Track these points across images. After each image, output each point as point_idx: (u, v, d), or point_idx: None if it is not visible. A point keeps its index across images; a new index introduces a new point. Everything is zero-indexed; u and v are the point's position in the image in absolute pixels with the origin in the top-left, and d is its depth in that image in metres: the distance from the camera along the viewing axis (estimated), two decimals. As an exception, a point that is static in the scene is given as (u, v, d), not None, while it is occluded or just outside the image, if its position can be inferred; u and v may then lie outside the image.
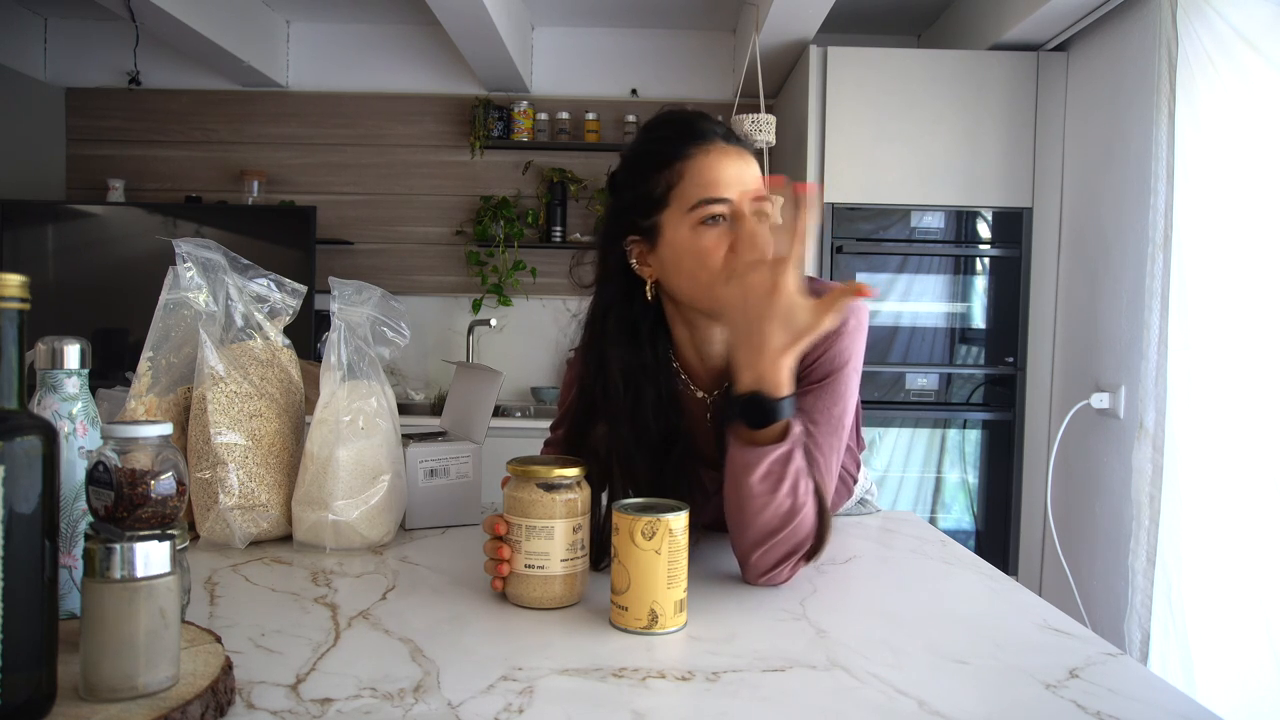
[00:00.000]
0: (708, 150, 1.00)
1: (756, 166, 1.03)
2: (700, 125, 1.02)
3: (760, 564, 0.97)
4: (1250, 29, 2.13)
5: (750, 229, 0.91)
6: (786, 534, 0.95)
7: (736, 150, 1.01)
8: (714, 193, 0.99)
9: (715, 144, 1.01)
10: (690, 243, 1.00)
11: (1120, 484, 2.54)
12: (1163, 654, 2.27)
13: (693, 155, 1.00)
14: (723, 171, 0.99)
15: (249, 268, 1.19)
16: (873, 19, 3.69)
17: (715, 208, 0.98)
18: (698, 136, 1.01)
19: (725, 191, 0.98)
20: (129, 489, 0.69)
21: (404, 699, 0.69)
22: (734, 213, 0.99)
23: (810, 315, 0.88)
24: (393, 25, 3.89)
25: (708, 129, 1.02)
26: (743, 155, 1.02)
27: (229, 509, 1.10)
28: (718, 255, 0.98)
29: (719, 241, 0.99)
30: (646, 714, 0.68)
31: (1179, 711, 0.70)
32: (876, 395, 3.08)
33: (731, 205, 0.99)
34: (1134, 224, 2.54)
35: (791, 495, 0.94)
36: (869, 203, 3.05)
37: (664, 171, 1.01)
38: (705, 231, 0.99)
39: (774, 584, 0.99)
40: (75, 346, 0.77)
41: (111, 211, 3.58)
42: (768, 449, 0.92)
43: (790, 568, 0.98)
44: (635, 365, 1.05)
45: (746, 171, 1.00)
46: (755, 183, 1.00)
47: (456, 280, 3.94)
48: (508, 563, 0.92)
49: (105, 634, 0.62)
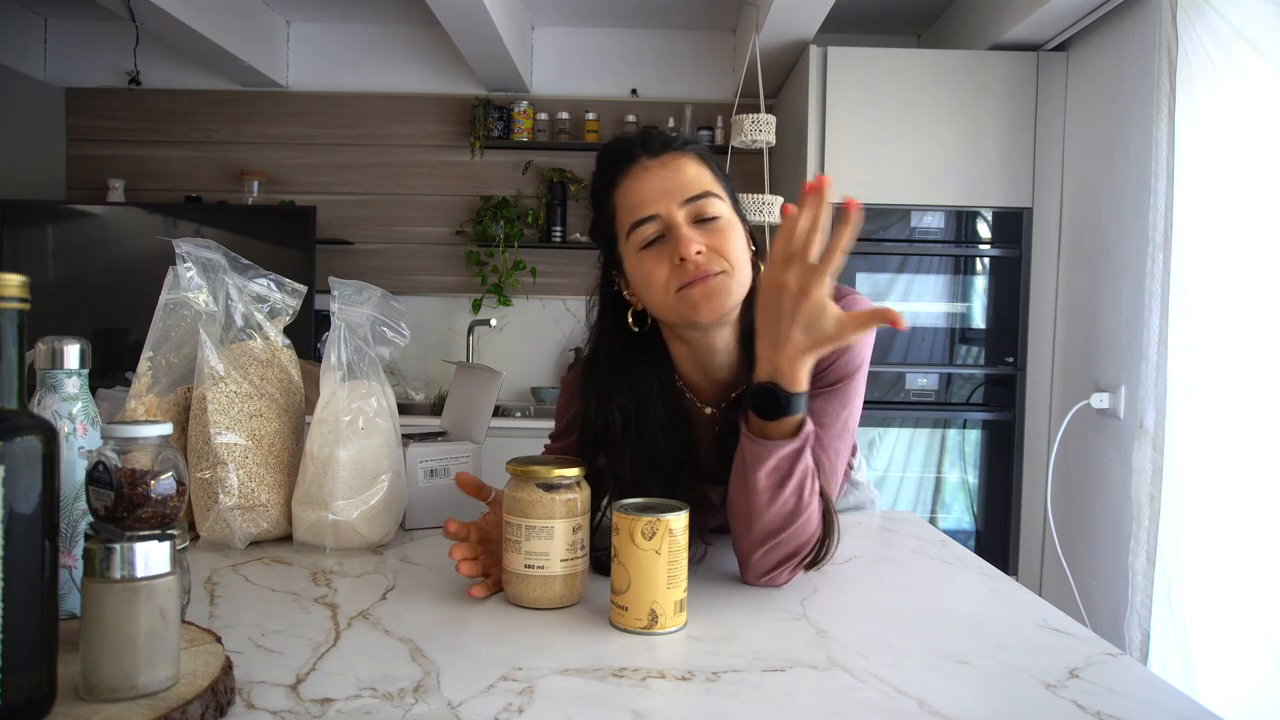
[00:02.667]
0: (628, 172, 0.99)
1: (692, 165, 0.99)
2: (623, 149, 1.00)
3: (761, 564, 0.97)
4: (1250, 29, 2.13)
5: (792, 225, 0.89)
6: (789, 534, 0.95)
7: (659, 161, 0.99)
8: (638, 215, 0.98)
9: (637, 163, 0.99)
10: (638, 269, 1.00)
11: (1120, 484, 2.54)
12: (1163, 654, 2.27)
13: (618, 183, 1.00)
14: (643, 190, 0.98)
15: (249, 268, 1.19)
16: (873, 19, 3.69)
17: (643, 229, 0.98)
18: (621, 161, 1.00)
19: (648, 210, 0.97)
20: (129, 489, 0.69)
21: (404, 699, 0.69)
22: (665, 225, 0.97)
23: (836, 326, 0.87)
24: (393, 25, 3.89)
25: (630, 150, 1.00)
26: (666, 164, 0.99)
27: (229, 509, 1.10)
28: (659, 275, 0.97)
29: (657, 262, 0.98)
30: (646, 714, 0.68)
31: (1179, 711, 0.70)
32: (876, 395, 3.08)
33: (659, 220, 0.97)
34: (1134, 224, 2.54)
35: (797, 494, 0.93)
36: (869, 203, 3.04)
37: (605, 206, 1.02)
38: (645, 256, 0.98)
39: (773, 585, 0.99)
40: (75, 346, 0.77)
41: (111, 211, 3.58)
42: (779, 444, 0.91)
43: (790, 570, 0.98)
44: (639, 392, 1.05)
45: (672, 179, 0.98)
46: (685, 185, 0.98)
47: (456, 280, 3.93)
48: (471, 561, 0.95)
49: (105, 634, 0.62)
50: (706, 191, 0.98)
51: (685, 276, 0.96)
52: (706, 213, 0.97)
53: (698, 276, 0.96)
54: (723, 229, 0.98)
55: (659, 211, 0.97)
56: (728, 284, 0.97)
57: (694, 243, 0.96)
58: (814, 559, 0.98)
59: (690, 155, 1.01)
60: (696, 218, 0.98)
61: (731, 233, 0.99)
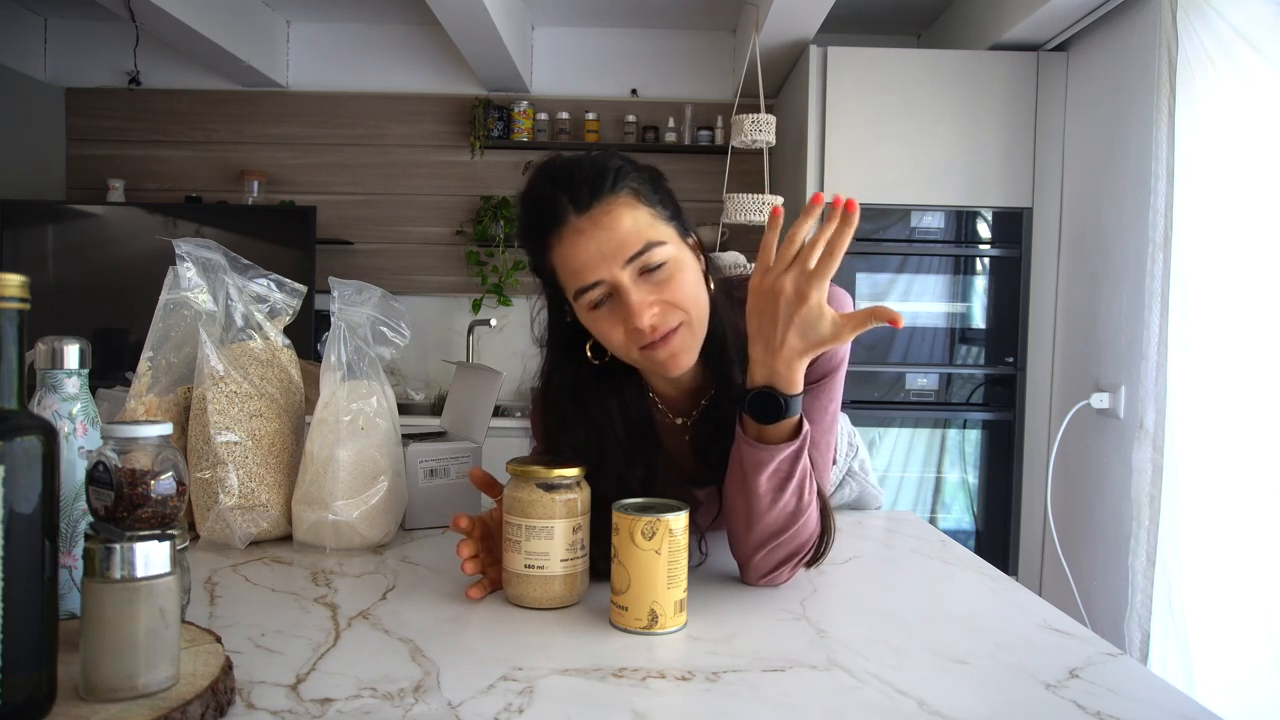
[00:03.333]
0: (560, 235, 0.93)
1: (624, 214, 0.92)
2: (549, 208, 0.94)
3: (762, 565, 0.97)
4: (1250, 29, 2.13)
5: (777, 229, 0.88)
6: (790, 535, 0.95)
7: (590, 219, 0.92)
8: (581, 282, 0.93)
9: (568, 224, 0.93)
10: (593, 327, 0.97)
11: (1120, 484, 2.54)
12: (1163, 654, 2.27)
13: (551, 246, 0.95)
14: (581, 255, 0.92)
15: (249, 268, 1.19)
16: (873, 19, 3.69)
17: (589, 295, 0.94)
18: (550, 224, 0.94)
19: (591, 277, 0.92)
20: (129, 489, 0.69)
21: (404, 699, 0.69)
22: (612, 287, 0.93)
23: (832, 328, 0.87)
24: (393, 25, 3.89)
25: (556, 208, 0.93)
26: (598, 220, 0.92)
27: (229, 509, 1.10)
28: (616, 337, 0.95)
29: (612, 324, 0.95)
30: (646, 714, 0.68)
31: (1179, 711, 0.70)
32: (876, 395, 3.08)
33: (604, 284, 0.93)
34: (1134, 224, 2.54)
35: (797, 495, 0.94)
36: (869, 203, 3.04)
37: (543, 265, 0.98)
38: (598, 317, 0.95)
39: (773, 585, 0.99)
40: (75, 346, 0.77)
41: (111, 211, 3.58)
42: (778, 447, 0.91)
43: (791, 569, 0.98)
44: (597, 422, 1.03)
45: (609, 239, 0.91)
46: (623, 243, 0.91)
47: (456, 280, 3.93)
48: (473, 560, 0.95)
49: (105, 634, 0.62)
50: (647, 243, 0.92)
51: (643, 340, 0.94)
52: (652, 263, 0.93)
53: (654, 339, 0.94)
54: (671, 275, 0.94)
55: (602, 277, 0.92)
56: (688, 338, 0.96)
57: (645, 309, 0.92)
58: (814, 556, 0.99)
59: (623, 199, 0.93)
60: (643, 269, 0.93)
61: (680, 275, 0.95)
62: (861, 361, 3.06)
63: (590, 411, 1.03)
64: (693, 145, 3.83)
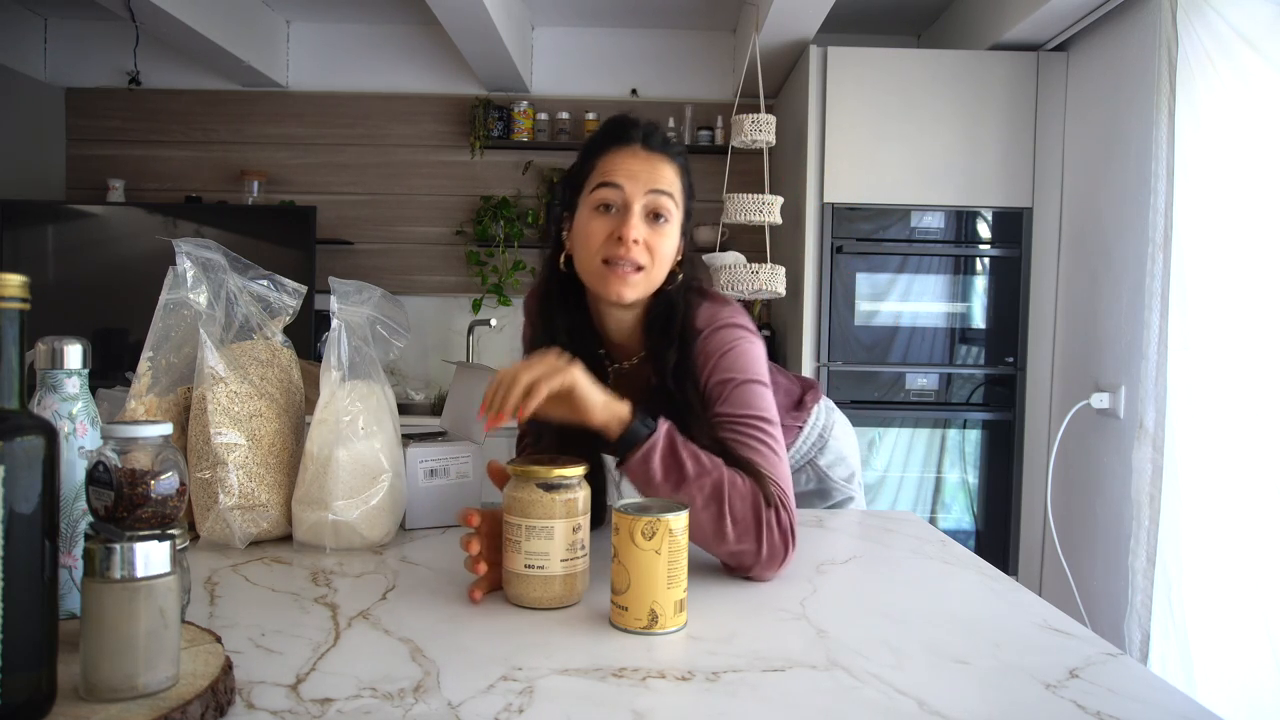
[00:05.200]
0: (620, 149, 1.12)
1: (671, 171, 1.12)
2: (626, 130, 1.13)
3: (744, 555, 0.99)
4: (1250, 29, 2.13)
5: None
6: (726, 506, 0.97)
7: (647, 154, 1.11)
8: (607, 179, 1.10)
9: (630, 146, 1.12)
10: (584, 224, 1.11)
11: (1120, 484, 2.54)
12: (1163, 654, 2.27)
13: (607, 151, 1.13)
14: (623, 167, 1.10)
15: (249, 268, 1.19)
16: (873, 19, 3.69)
17: (603, 192, 1.10)
18: (619, 138, 1.13)
19: (619, 179, 1.09)
20: (129, 489, 0.69)
21: (404, 699, 0.69)
22: (623, 202, 1.09)
23: (553, 372, 0.97)
24: (393, 25, 3.89)
25: (630, 133, 1.13)
26: (653, 159, 1.11)
27: (229, 509, 1.10)
28: (597, 238, 1.09)
29: (601, 226, 1.10)
30: (646, 714, 0.68)
31: (1179, 711, 0.70)
32: (876, 395, 3.08)
33: (622, 193, 1.09)
34: (1134, 224, 2.54)
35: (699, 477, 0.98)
36: (869, 203, 3.04)
37: (588, 162, 1.15)
38: (595, 217, 1.10)
39: (784, 560, 1.00)
40: (75, 346, 0.77)
41: (111, 211, 3.58)
42: (633, 460, 0.99)
43: (772, 534, 0.99)
44: (570, 327, 1.18)
45: (649, 171, 1.10)
46: (656, 180, 1.10)
47: (456, 280, 3.93)
48: (483, 560, 0.94)
49: (105, 634, 0.62)
50: (670, 193, 1.11)
51: (613, 252, 1.08)
52: (660, 209, 1.10)
53: (622, 259, 1.08)
54: (664, 231, 1.11)
55: (624, 186, 1.09)
56: (643, 282, 1.10)
57: (636, 230, 1.08)
58: (771, 500, 1.00)
59: (676, 165, 1.14)
60: (650, 210, 1.10)
61: (669, 240, 1.12)
62: (862, 361, 3.06)
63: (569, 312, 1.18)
64: (693, 145, 3.83)
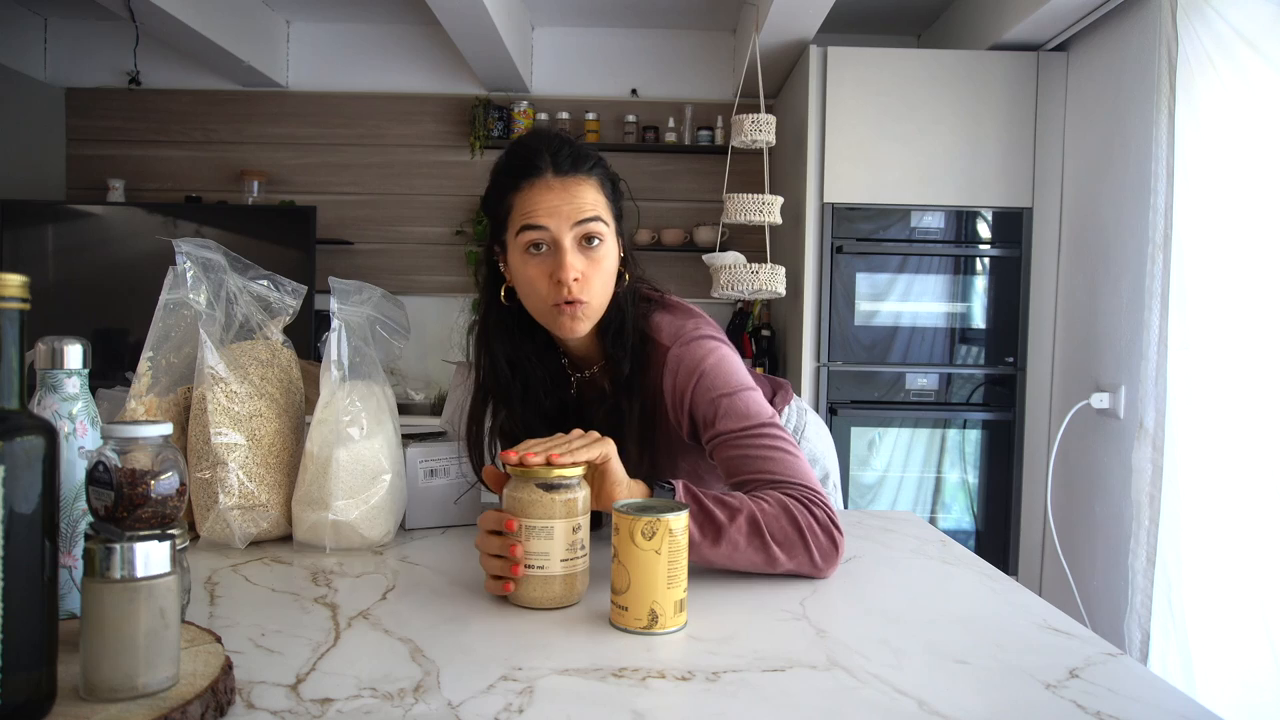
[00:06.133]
0: (532, 184, 1.08)
1: (591, 190, 1.09)
2: (532, 159, 1.09)
3: (801, 568, 1.00)
4: (1250, 29, 2.13)
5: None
6: (766, 536, 0.98)
7: (562, 181, 1.08)
8: (530, 220, 1.07)
9: (543, 177, 1.08)
10: (520, 269, 1.10)
11: (1120, 484, 2.54)
12: (1163, 654, 2.27)
13: (520, 187, 1.09)
14: (541, 204, 1.07)
15: (249, 268, 1.19)
16: (873, 19, 3.69)
17: (530, 234, 1.07)
18: (527, 171, 1.09)
19: (541, 220, 1.07)
20: (129, 489, 0.69)
21: (404, 699, 0.69)
22: (551, 240, 1.07)
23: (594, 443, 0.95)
24: (393, 25, 3.89)
25: (538, 162, 1.08)
26: (569, 186, 1.08)
27: (229, 509, 1.10)
28: (540, 286, 1.08)
29: (539, 271, 1.08)
30: (646, 714, 0.68)
31: (1179, 711, 0.70)
32: (876, 395, 3.08)
33: (548, 233, 1.07)
34: (1134, 224, 2.54)
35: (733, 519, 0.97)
36: (869, 203, 3.04)
37: (504, 200, 1.11)
38: (529, 260, 1.09)
39: (836, 556, 1.01)
40: (75, 346, 0.77)
41: (111, 211, 3.58)
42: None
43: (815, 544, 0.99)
44: (519, 354, 1.17)
45: (569, 202, 1.07)
46: (579, 209, 1.07)
47: (456, 280, 3.93)
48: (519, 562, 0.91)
49: (105, 634, 0.62)
50: (596, 216, 1.08)
51: (558, 297, 1.08)
52: (591, 234, 1.08)
53: (567, 300, 1.07)
54: (600, 254, 1.10)
55: (550, 226, 1.07)
56: (588, 313, 1.10)
57: (572, 270, 1.07)
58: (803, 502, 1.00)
59: (593, 179, 1.10)
60: (581, 239, 1.08)
61: (606, 261, 1.11)
62: (862, 361, 3.06)
63: (517, 341, 1.17)
64: (693, 145, 3.83)
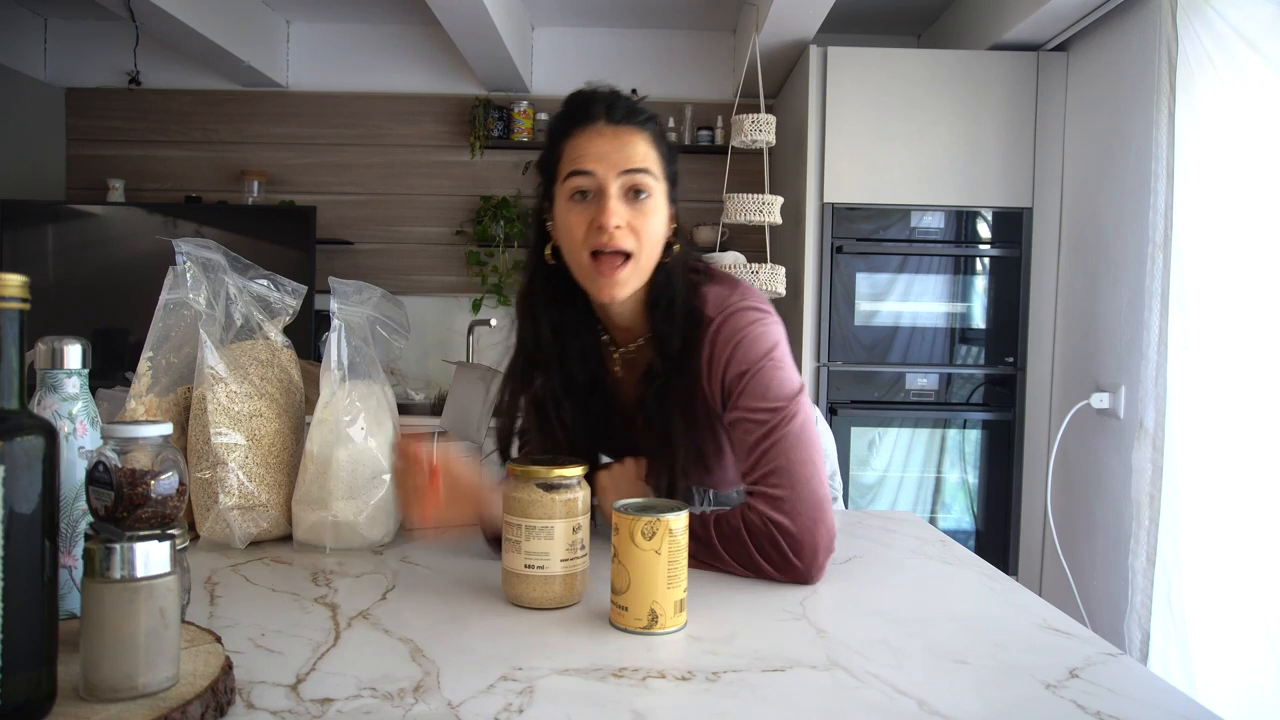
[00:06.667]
0: (586, 129, 1.06)
1: (644, 142, 1.06)
2: (588, 107, 1.07)
3: (792, 575, 1.01)
4: (1250, 29, 2.13)
5: None
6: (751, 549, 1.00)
7: (614, 129, 1.05)
8: (577, 165, 1.05)
9: (595, 124, 1.06)
10: (564, 216, 1.07)
11: (1120, 484, 2.54)
12: (1163, 654, 2.27)
13: (572, 133, 1.07)
14: (591, 149, 1.05)
15: (249, 268, 1.19)
16: (873, 19, 3.69)
17: (576, 180, 1.05)
18: (583, 118, 1.07)
19: (588, 164, 1.04)
20: (129, 489, 0.69)
21: (404, 699, 0.69)
22: (597, 186, 1.04)
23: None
24: (393, 25, 3.89)
25: (592, 110, 1.07)
26: (620, 134, 1.05)
27: (229, 509, 1.10)
28: (578, 231, 1.05)
29: (580, 217, 1.05)
30: (646, 714, 0.68)
31: (1179, 711, 0.70)
32: (876, 395, 3.08)
33: (594, 178, 1.04)
34: (1134, 224, 2.54)
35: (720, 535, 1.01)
36: (869, 203, 3.04)
37: (555, 148, 1.09)
38: (572, 207, 1.06)
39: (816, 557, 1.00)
40: (75, 346, 0.77)
41: (111, 211, 3.58)
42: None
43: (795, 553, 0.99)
44: (561, 320, 1.14)
45: (619, 150, 1.04)
46: (629, 158, 1.04)
47: (456, 280, 3.93)
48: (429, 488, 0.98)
49: (105, 634, 0.62)
50: (646, 169, 1.05)
51: (597, 243, 1.04)
52: (639, 186, 1.05)
53: (608, 250, 1.03)
54: (648, 208, 1.06)
55: (597, 171, 1.04)
56: (633, 273, 1.05)
57: (615, 215, 1.03)
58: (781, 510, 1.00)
59: (646, 133, 1.07)
60: (629, 189, 1.05)
61: (654, 215, 1.06)
62: (862, 361, 3.06)
63: (561, 307, 1.13)
64: (693, 145, 3.83)
